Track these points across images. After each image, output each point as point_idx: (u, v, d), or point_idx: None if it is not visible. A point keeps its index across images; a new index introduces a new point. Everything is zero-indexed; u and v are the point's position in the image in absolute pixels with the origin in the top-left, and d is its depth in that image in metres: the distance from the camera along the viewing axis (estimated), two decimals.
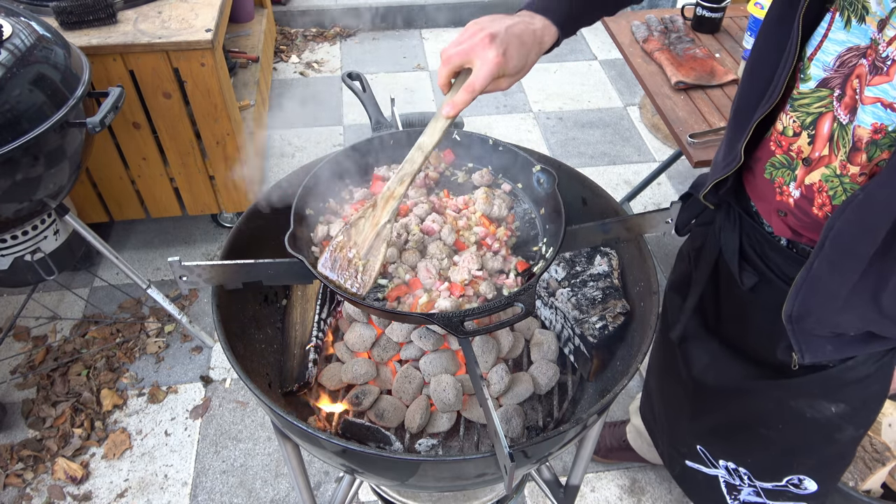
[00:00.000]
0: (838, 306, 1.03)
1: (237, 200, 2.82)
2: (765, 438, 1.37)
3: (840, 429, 1.27)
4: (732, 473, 1.49)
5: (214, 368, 2.52)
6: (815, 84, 0.99)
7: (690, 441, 1.55)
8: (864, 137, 0.92)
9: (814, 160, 1.02)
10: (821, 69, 0.98)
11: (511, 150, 1.32)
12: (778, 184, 1.10)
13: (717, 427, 1.48)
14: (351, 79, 1.43)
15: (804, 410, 1.27)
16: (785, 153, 1.07)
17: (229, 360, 1.09)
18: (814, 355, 1.12)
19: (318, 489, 2.17)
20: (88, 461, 2.23)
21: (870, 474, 1.84)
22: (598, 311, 1.31)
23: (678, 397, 1.56)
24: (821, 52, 0.97)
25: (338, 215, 1.26)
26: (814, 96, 1.00)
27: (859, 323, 1.07)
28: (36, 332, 2.61)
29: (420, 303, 1.09)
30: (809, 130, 1.02)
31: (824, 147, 1.00)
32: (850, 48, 0.93)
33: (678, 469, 1.65)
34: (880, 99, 0.89)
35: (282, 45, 4.46)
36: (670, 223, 1.28)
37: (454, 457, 1.02)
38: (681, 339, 1.46)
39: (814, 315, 1.06)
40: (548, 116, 3.87)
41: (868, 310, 1.03)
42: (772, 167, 1.11)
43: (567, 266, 1.42)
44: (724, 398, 1.41)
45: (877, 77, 0.89)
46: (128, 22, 2.30)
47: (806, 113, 1.02)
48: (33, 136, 1.62)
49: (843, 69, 0.95)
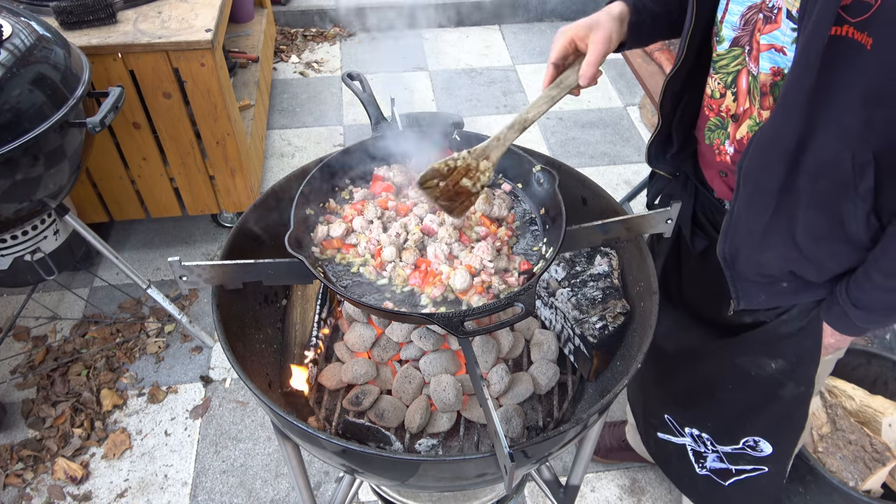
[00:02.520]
0: (757, 243, 1.12)
1: (237, 200, 2.82)
2: (719, 401, 1.47)
3: (782, 385, 1.34)
4: (697, 440, 1.57)
5: (214, 368, 2.52)
6: (728, 45, 1.09)
7: (659, 411, 1.64)
8: (766, 81, 1.01)
9: (740, 115, 1.11)
10: (730, 30, 1.07)
11: (511, 150, 1.32)
12: (716, 145, 1.19)
13: (679, 393, 1.57)
14: (351, 79, 1.43)
15: (749, 368, 1.35)
16: (717, 115, 1.17)
17: (229, 360, 1.09)
18: (749, 301, 1.22)
19: (318, 489, 2.17)
20: (88, 461, 2.23)
21: (870, 474, 1.84)
22: (598, 311, 1.31)
23: (645, 368, 1.64)
24: (728, 13, 1.06)
25: (338, 215, 1.26)
26: (729, 56, 1.09)
27: (780, 262, 1.13)
28: (36, 332, 2.61)
29: (442, 277, 1.13)
30: (732, 89, 1.11)
31: (745, 101, 1.08)
32: (750, 6, 1.02)
33: (652, 444, 1.74)
34: (773, 45, 0.98)
35: (282, 45, 4.46)
36: (670, 223, 1.28)
37: (454, 457, 1.02)
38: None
39: (741, 254, 1.16)
40: (548, 116, 3.87)
41: (788, 248, 1.10)
42: (709, 131, 1.20)
43: (567, 266, 1.42)
44: (682, 363, 1.51)
45: (767, 26, 0.98)
46: (128, 22, 2.30)
47: (726, 73, 1.11)
48: (33, 136, 1.62)
49: (749, 27, 1.03)
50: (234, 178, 2.73)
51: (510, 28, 4.73)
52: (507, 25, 4.75)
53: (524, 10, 4.73)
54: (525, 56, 4.42)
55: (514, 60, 4.37)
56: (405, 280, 1.15)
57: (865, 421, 1.97)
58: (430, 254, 1.17)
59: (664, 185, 1.43)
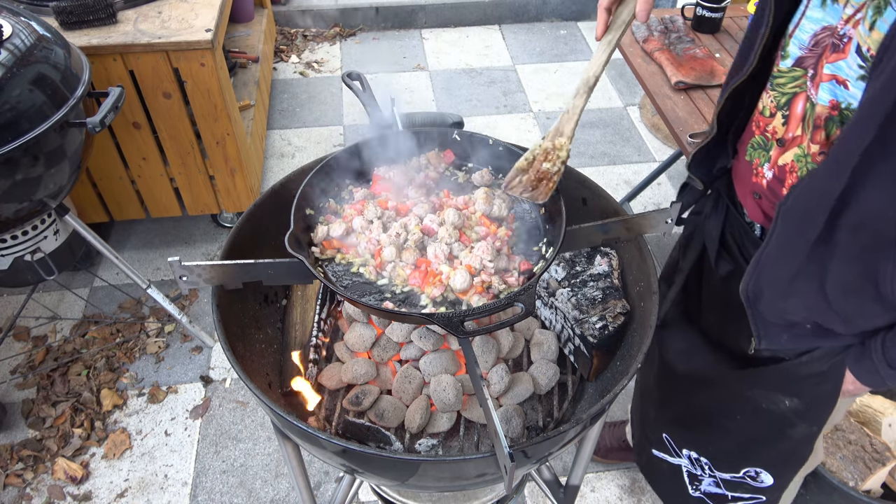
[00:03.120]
0: (784, 289, 1.05)
1: (237, 200, 2.82)
2: (724, 429, 1.42)
3: (792, 424, 1.30)
4: (695, 463, 1.53)
5: (214, 368, 2.52)
6: (791, 62, 1.01)
7: (657, 428, 1.60)
8: (822, 114, 0.94)
9: (787, 141, 1.03)
10: (797, 48, 0.99)
11: (511, 150, 1.32)
12: (755, 165, 1.12)
13: (682, 415, 1.52)
14: (351, 79, 1.43)
15: (760, 402, 1.30)
16: (762, 133, 1.10)
17: (229, 360, 1.09)
18: (770, 341, 1.15)
19: (318, 489, 2.17)
20: (88, 461, 2.23)
21: (870, 474, 1.84)
22: (598, 311, 1.31)
23: (649, 383, 1.60)
24: (798, 30, 0.98)
25: (338, 215, 1.26)
26: (789, 76, 1.02)
27: (804, 311, 1.08)
28: (36, 332, 2.61)
29: (442, 277, 1.12)
30: (784, 111, 1.03)
31: (797, 127, 1.01)
32: (824, 27, 0.94)
33: (644, 458, 1.69)
34: (835, 76, 0.90)
35: (282, 45, 4.46)
36: (670, 223, 1.28)
37: (454, 457, 1.02)
38: (660, 326, 1.49)
39: (765, 296, 1.09)
40: (548, 116, 3.87)
41: (815, 299, 1.04)
42: (751, 148, 1.13)
43: (567, 266, 1.42)
44: (690, 385, 1.45)
45: (834, 54, 0.90)
46: (128, 22, 2.30)
47: (781, 93, 1.03)
48: (33, 136, 1.62)
49: (817, 49, 0.95)
50: (234, 178, 2.73)
51: (510, 28, 4.73)
52: (507, 25, 4.75)
53: (524, 10, 4.73)
54: (525, 56, 4.42)
55: (514, 60, 4.37)
56: (405, 280, 1.15)
57: (865, 421, 1.97)
58: (431, 254, 1.17)
59: (695, 198, 1.37)
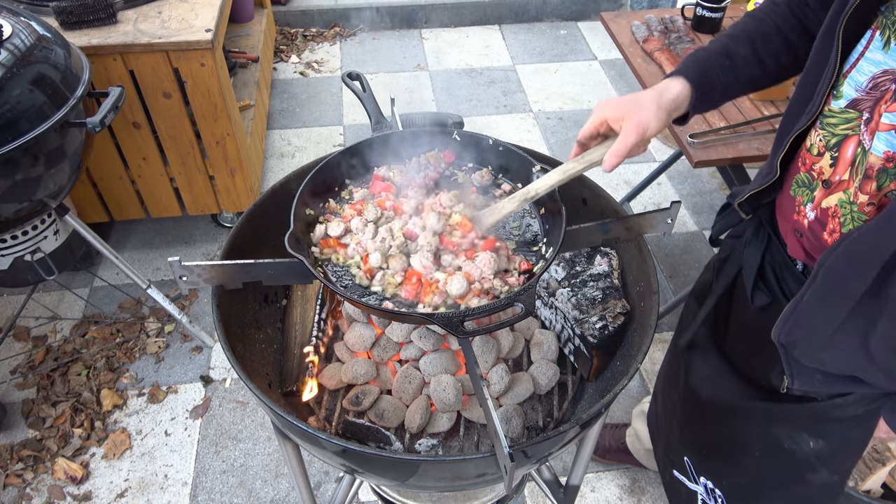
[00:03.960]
0: (822, 343, 1.00)
1: (237, 200, 2.82)
2: (741, 464, 1.36)
3: (814, 469, 1.24)
4: (709, 493, 1.48)
5: (214, 368, 2.52)
6: (845, 103, 0.95)
7: (679, 450, 1.55)
8: (875, 165, 0.89)
9: (833, 183, 0.98)
10: (853, 89, 0.94)
11: (511, 150, 1.32)
12: (798, 202, 1.07)
13: (703, 441, 1.47)
14: (351, 79, 1.43)
15: (783, 440, 1.25)
16: (808, 172, 1.04)
17: (229, 360, 1.09)
18: (803, 383, 1.10)
19: (318, 489, 2.17)
20: (88, 461, 2.23)
21: (870, 474, 1.84)
22: (598, 311, 1.31)
23: (675, 404, 1.56)
24: (856, 70, 0.93)
25: (337, 215, 1.26)
26: (841, 117, 0.96)
27: (842, 364, 1.03)
28: (36, 332, 2.61)
29: (439, 285, 1.11)
30: (833, 152, 0.98)
31: (846, 171, 0.95)
32: (885, 70, 0.88)
33: (668, 477, 1.65)
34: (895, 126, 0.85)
35: (282, 45, 4.46)
36: (670, 223, 1.28)
37: (454, 457, 1.02)
38: (687, 346, 1.45)
39: (798, 346, 1.04)
40: (548, 116, 3.87)
41: (856, 354, 0.99)
42: (796, 184, 1.08)
43: (567, 266, 1.42)
44: (713, 412, 1.40)
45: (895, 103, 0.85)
46: (128, 22, 2.30)
47: (832, 133, 0.98)
48: (33, 136, 1.62)
49: (875, 92, 0.90)
50: (234, 178, 2.73)
51: (510, 28, 4.73)
52: (507, 25, 4.75)
53: (524, 10, 4.73)
54: (525, 56, 4.42)
55: (514, 60, 4.37)
56: (396, 288, 1.13)
57: None
58: (417, 264, 1.14)
59: (734, 221, 1.31)
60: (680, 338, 1.49)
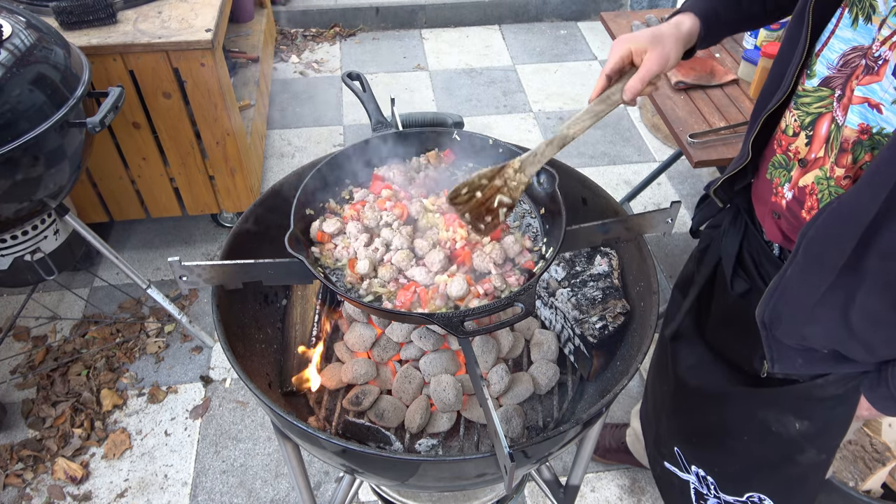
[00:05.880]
0: (805, 316, 1.02)
1: (237, 200, 2.82)
2: (730, 449, 1.38)
3: (802, 449, 1.27)
4: (702, 481, 1.50)
5: (214, 368, 2.52)
6: (818, 82, 0.98)
7: (669, 441, 1.57)
8: (850, 138, 0.91)
9: (810, 161, 1.00)
10: (825, 67, 0.96)
11: (511, 150, 1.32)
12: (775, 184, 1.10)
13: (692, 430, 1.49)
14: (351, 79, 1.43)
15: (770, 423, 1.27)
16: (784, 153, 1.07)
17: (229, 360, 1.09)
18: (784, 366, 1.12)
19: (318, 489, 2.17)
20: (88, 461, 2.23)
21: (870, 474, 1.84)
22: (598, 311, 1.31)
23: (663, 394, 1.58)
24: (827, 48, 0.96)
25: (337, 215, 1.26)
26: (815, 95, 0.99)
27: (824, 339, 1.05)
28: (36, 332, 2.61)
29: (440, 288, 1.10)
30: (808, 131, 1.00)
31: (821, 149, 0.98)
32: (854, 47, 0.91)
33: (658, 470, 1.67)
34: (868, 99, 0.88)
35: (282, 45, 4.46)
36: (670, 223, 1.28)
37: (454, 457, 1.02)
38: (673, 337, 1.47)
39: (783, 322, 1.06)
40: (548, 116, 3.87)
41: (836, 326, 1.01)
42: (772, 167, 1.10)
43: (567, 266, 1.42)
44: (701, 401, 1.42)
45: (867, 76, 0.88)
46: (128, 22, 2.30)
47: (806, 112, 1.01)
48: (33, 136, 1.62)
49: (846, 69, 0.93)
50: (233, 178, 2.73)
51: (510, 28, 4.73)
52: (507, 25, 4.75)
53: (524, 10, 4.73)
54: (525, 56, 4.42)
55: (514, 60, 4.37)
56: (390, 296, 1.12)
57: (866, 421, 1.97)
58: (417, 275, 1.14)
59: (713, 212, 1.34)
60: (666, 329, 1.51)
